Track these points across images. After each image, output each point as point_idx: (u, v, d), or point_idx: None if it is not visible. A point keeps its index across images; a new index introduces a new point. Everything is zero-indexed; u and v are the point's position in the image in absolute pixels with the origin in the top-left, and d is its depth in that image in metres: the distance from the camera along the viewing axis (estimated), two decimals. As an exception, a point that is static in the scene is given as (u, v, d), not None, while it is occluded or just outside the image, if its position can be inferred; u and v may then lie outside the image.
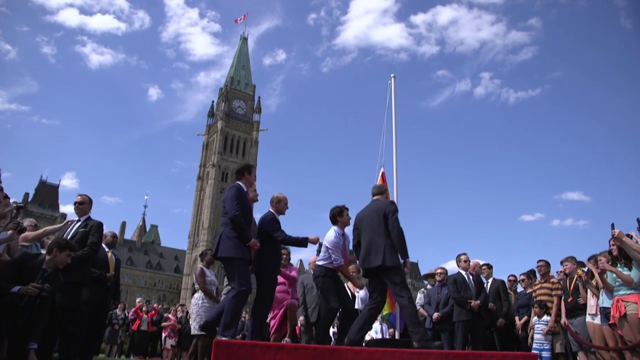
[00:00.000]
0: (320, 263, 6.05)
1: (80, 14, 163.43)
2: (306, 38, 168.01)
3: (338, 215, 6.15)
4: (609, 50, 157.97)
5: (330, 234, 6.08)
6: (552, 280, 7.98)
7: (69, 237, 6.10)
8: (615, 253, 6.01)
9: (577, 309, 7.08)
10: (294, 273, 7.46)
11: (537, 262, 8.25)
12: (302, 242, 5.83)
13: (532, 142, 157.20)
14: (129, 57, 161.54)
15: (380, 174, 7.66)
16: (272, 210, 5.99)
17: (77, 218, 6.46)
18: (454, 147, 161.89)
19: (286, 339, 6.66)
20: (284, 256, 7.17)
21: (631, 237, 5.77)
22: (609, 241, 6.31)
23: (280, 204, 6.03)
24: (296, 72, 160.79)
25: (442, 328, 8.31)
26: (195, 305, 7.91)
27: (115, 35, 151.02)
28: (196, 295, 8.05)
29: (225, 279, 7.01)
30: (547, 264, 8.18)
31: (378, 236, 5.62)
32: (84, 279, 6.22)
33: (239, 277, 5.15)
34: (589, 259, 6.85)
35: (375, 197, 6.17)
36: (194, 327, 7.81)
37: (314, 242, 5.93)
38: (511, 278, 9.52)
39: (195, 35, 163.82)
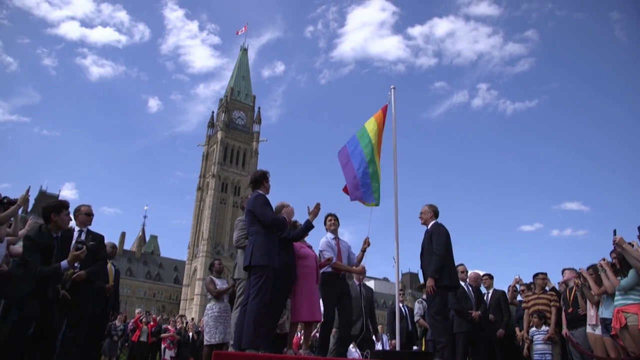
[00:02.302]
0: (321, 270, 6.22)
1: (81, 27, 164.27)
2: (304, 50, 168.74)
3: (324, 224, 6.74)
4: (605, 62, 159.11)
5: (321, 240, 6.54)
6: (550, 292, 7.97)
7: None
8: (618, 266, 5.99)
9: (578, 320, 7.05)
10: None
11: (536, 275, 8.24)
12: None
13: (530, 152, 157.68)
14: (129, 69, 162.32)
15: (383, 107, 7.40)
16: None
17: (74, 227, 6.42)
18: (452, 157, 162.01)
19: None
20: None
21: (632, 246, 5.75)
22: (610, 253, 6.30)
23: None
24: (295, 84, 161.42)
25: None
26: (206, 316, 7.90)
27: (116, 47, 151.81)
28: (208, 305, 8.04)
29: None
30: (545, 276, 8.18)
31: None
32: (93, 290, 6.32)
33: (266, 288, 5.12)
34: (588, 269, 6.85)
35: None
36: (206, 339, 7.78)
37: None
38: (510, 288, 9.50)
39: (195, 48, 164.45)
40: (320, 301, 6.75)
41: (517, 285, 9.17)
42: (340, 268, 6.37)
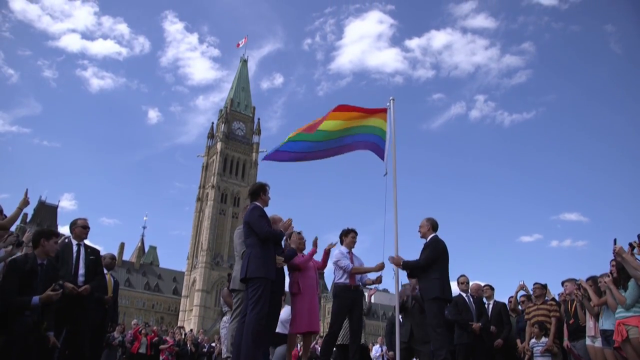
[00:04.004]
0: (335, 281, 6.42)
1: (82, 39, 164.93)
2: (302, 62, 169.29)
3: (344, 236, 6.75)
4: (601, 73, 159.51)
5: (335, 251, 6.60)
6: (550, 302, 7.95)
7: (82, 264, 6.19)
8: (615, 274, 5.98)
9: (579, 332, 7.01)
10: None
11: (533, 284, 8.25)
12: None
13: (528, 163, 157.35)
14: (129, 81, 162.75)
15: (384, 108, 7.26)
16: None
17: (69, 236, 6.46)
18: (451, 168, 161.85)
19: None
20: None
21: (634, 248, 5.69)
22: (610, 262, 6.29)
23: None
24: (294, 96, 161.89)
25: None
26: (224, 328, 7.86)
27: (116, 59, 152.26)
28: (224, 318, 8.00)
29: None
30: (542, 287, 8.16)
31: None
32: (92, 303, 6.41)
33: (264, 299, 5.13)
34: (587, 280, 6.84)
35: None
36: (224, 351, 7.76)
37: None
38: (511, 300, 9.48)
39: (194, 60, 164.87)
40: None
41: (521, 292, 9.11)
42: (359, 271, 6.54)
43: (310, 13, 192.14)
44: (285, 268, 5.98)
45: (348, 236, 6.76)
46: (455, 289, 8.35)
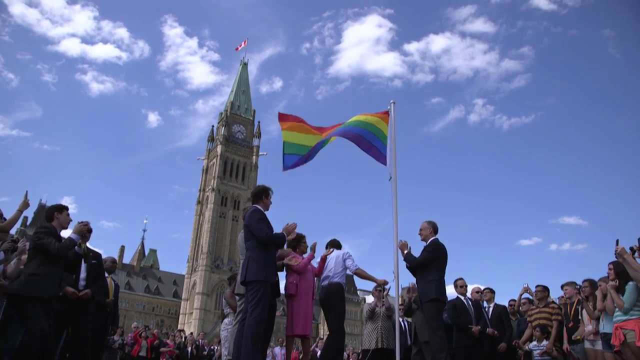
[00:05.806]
0: (336, 280, 6.36)
1: (82, 43, 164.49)
2: (301, 66, 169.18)
3: (337, 247, 6.84)
4: (600, 77, 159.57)
5: (346, 250, 6.70)
6: (551, 305, 7.95)
7: (83, 268, 6.22)
8: (612, 277, 6.00)
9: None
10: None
11: (535, 287, 8.24)
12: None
13: (527, 167, 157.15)
14: (129, 85, 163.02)
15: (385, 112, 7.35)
16: None
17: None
18: (450, 172, 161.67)
19: None
20: None
21: (634, 252, 5.68)
22: (609, 264, 6.30)
23: None
24: (293, 99, 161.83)
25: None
26: (225, 331, 7.86)
27: (116, 64, 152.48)
28: (226, 320, 8.00)
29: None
30: (544, 289, 8.16)
31: None
32: (93, 308, 6.42)
33: (263, 302, 5.13)
34: (583, 282, 6.87)
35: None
36: (225, 354, 7.76)
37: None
38: (512, 303, 9.49)
39: (194, 64, 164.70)
40: None
41: (526, 294, 9.09)
42: (362, 275, 6.56)
43: (308, 17, 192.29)
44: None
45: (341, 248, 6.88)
46: (452, 292, 8.39)
